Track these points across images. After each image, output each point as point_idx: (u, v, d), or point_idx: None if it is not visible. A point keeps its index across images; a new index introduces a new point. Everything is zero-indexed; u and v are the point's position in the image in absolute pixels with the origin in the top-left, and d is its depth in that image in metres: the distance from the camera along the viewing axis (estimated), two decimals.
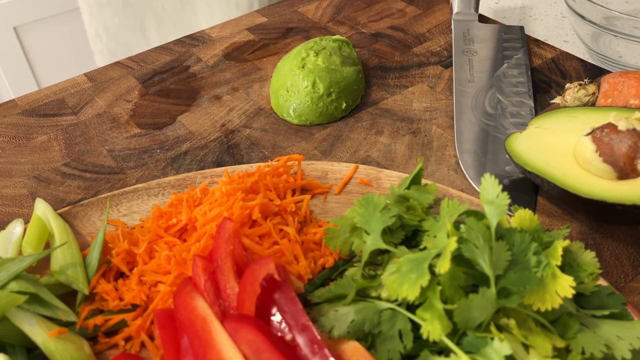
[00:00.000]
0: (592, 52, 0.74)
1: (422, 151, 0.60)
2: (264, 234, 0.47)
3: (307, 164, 0.56)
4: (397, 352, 0.37)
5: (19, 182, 0.58)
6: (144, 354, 0.42)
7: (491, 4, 0.90)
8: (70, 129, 0.65)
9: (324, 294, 0.40)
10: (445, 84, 0.69)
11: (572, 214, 0.53)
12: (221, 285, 0.40)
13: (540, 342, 0.36)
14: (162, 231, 0.47)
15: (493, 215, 0.38)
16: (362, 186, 0.54)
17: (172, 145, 0.62)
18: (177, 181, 0.54)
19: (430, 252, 0.37)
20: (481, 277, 0.37)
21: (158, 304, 0.43)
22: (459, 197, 0.50)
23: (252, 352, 0.35)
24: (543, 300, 0.36)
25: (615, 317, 0.38)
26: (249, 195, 0.49)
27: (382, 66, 0.73)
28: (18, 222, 0.49)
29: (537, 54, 0.73)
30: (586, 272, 0.41)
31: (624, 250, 0.50)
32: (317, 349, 0.36)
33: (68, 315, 0.42)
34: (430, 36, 0.78)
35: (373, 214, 0.42)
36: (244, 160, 0.59)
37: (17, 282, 0.41)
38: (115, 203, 0.52)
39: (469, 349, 0.35)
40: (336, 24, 0.82)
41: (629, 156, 0.48)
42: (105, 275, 0.46)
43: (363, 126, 0.63)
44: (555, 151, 0.52)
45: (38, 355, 0.40)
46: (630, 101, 0.56)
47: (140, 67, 0.74)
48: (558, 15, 0.86)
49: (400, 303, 0.38)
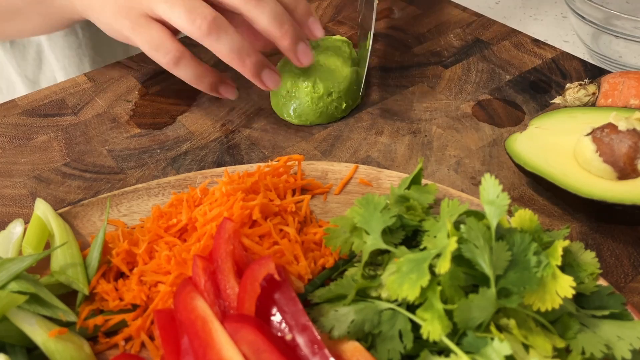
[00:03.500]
0: (592, 52, 0.74)
1: (422, 151, 0.60)
2: (264, 234, 0.47)
3: (307, 164, 0.56)
4: (397, 352, 0.37)
5: (19, 182, 0.58)
6: (144, 354, 0.42)
7: (491, 4, 0.90)
8: (71, 129, 0.65)
9: (324, 294, 0.40)
10: (446, 84, 0.69)
11: (572, 214, 0.53)
12: (221, 285, 0.40)
13: (540, 342, 0.36)
14: (162, 231, 0.47)
15: (493, 215, 0.38)
16: (362, 186, 0.54)
17: (172, 145, 0.62)
18: (177, 181, 0.54)
19: (431, 252, 0.37)
20: (481, 277, 0.37)
21: (158, 304, 0.43)
22: (459, 197, 0.50)
23: (252, 352, 0.35)
24: (543, 300, 0.36)
25: (615, 317, 0.38)
26: (249, 196, 0.49)
27: (382, 66, 0.73)
28: (18, 222, 0.49)
29: (537, 54, 0.73)
30: (586, 272, 0.41)
31: (624, 250, 0.50)
32: (317, 349, 0.36)
33: (68, 315, 0.42)
34: (430, 36, 0.78)
35: (373, 214, 0.42)
36: (244, 160, 0.59)
37: (17, 282, 0.41)
38: (116, 203, 0.52)
39: (469, 349, 0.35)
40: (336, 24, 0.82)
41: (629, 156, 0.48)
42: (105, 275, 0.46)
43: (363, 126, 0.63)
44: (555, 151, 0.52)
45: (38, 355, 0.40)
46: (630, 101, 0.56)
47: (140, 67, 0.74)
48: (558, 15, 0.86)
49: (401, 303, 0.38)
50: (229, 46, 0.55)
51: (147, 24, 0.57)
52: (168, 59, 0.57)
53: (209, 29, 0.54)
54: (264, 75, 0.59)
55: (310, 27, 0.61)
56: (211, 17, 0.54)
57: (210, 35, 0.55)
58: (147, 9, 0.57)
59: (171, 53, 0.56)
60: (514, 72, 0.71)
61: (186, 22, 0.55)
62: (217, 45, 0.55)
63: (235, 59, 0.56)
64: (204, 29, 0.54)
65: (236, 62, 0.57)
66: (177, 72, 0.58)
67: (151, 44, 0.56)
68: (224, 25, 0.55)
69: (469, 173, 0.57)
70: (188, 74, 0.58)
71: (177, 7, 0.55)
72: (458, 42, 0.77)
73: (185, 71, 0.58)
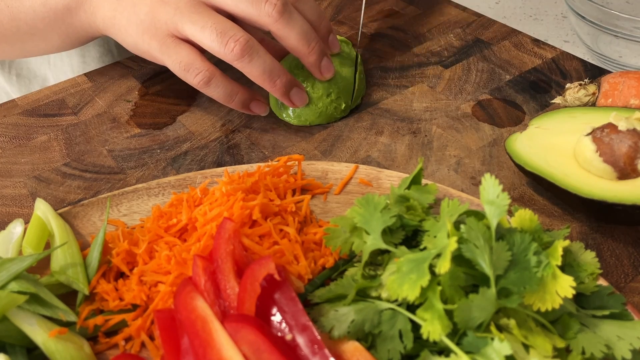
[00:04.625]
0: (592, 52, 0.74)
1: (422, 151, 0.60)
2: (264, 234, 0.47)
3: (307, 164, 0.56)
4: (397, 352, 0.37)
5: (19, 182, 0.58)
6: (144, 354, 0.42)
7: (491, 4, 0.90)
8: (71, 129, 0.65)
9: (324, 294, 0.40)
10: (446, 84, 0.69)
11: (572, 214, 0.53)
12: (221, 285, 0.40)
13: (540, 342, 0.36)
14: (162, 231, 0.47)
15: (493, 215, 0.38)
16: (362, 186, 0.54)
17: (172, 145, 0.62)
18: (177, 181, 0.54)
19: (431, 252, 0.37)
20: (481, 277, 0.37)
21: (158, 304, 0.43)
22: (459, 197, 0.50)
23: (253, 352, 0.35)
24: (543, 300, 0.36)
25: (615, 317, 0.38)
26: (249, 195, 0.49)
27: (382, 66, 0.73)
28: (18, 222, 0.49)
29: (537, 54, 0.73)
30: (586, 272, 0.41)
31: (624, 250, 0.50)
32: (317, 349, 0.36)
33: (68, 315, 0.42)
34: (430, 36, 0.78)
35: (373, 214, 0.42)
36: (244, 160, 0.59)
37: (17, 282, 0.41)
38: (116, 203, 0.52)
39: (469, 349, 0.35)
40: (336, 24, 0.82)
41: (629, 156, 0.48)
42: (105, 275, 0.46)
43: (363, 126, 0.63)
44: (556, 151, 0.52)
45: (38, 355, 0.40)
46: (631, 101, 0.56)
47: (140, 67, 0.74)
48: (558, 15, 0.86)
49: (401, 303, 0.38)
50: (261, 68, 0.56)
51: (175, 45, 0.57)
52: (199, 79, 0.57)
53: (242, 52, 0.55)
54: (293, 94, 0.60)
55: (330, 44, 0.64)
56: (244, 40, 0.55)
57: (243, 59, 0.55)
58: (174, 30, 0.57)
59: (202, 73, 0.57)
60: (514, 72, 0.71)
61: (218, 45, 0.55)
62: (249, 67, 0.56)
63: (267, 80, 0.57)
64: (237, 52, 0.55)
65: (267, 84, 0.58)
66: (209, 92, 0.59)
67: (181, 64, 0.57)
68: (255, 47, 0.56)
69: (469, 173, 0.57)
70: (219, 93, 0.59)
71: (208, 29, 0.55)
72: (458, 42, 0.77)
73: (216, 90, 0.58)
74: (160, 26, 0.57)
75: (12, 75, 0.83)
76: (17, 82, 0.83)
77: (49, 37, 0.66)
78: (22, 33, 0.66)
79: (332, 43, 0.64)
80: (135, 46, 0.60)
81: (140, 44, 0.59)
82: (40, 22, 0.64)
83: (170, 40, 0.57)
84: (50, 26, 0.64)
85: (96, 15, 0.62)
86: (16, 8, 0.64)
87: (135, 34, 0.59)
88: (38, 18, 0.64)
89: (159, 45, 0.57)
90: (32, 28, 0.65)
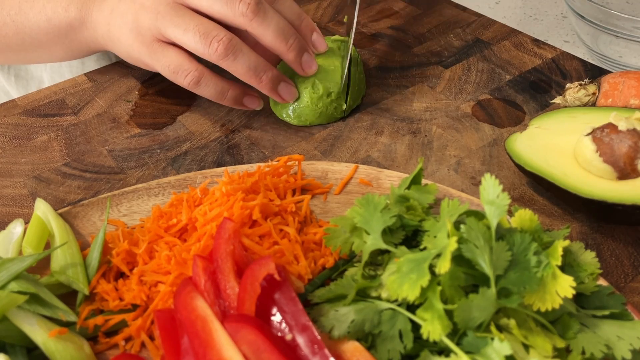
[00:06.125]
0: (592, 52, 0.74)
1: (422, 151, 0.60)
2: (264, 234, 0.47)
3: (307, 164, 0.56)
4: (397, 352, 0.37)
5: (19, 182, 0.58)
6: (144, 354, 0.42)
7: (491, 4, 0.90)
8: (71, 129, 0.65)
9: (324, 294, 0.40)
10: (446, 84, 0.69)
11: (572, 214, 0.53)
12: (221, 285, 0.40)
13: (540, 342, 0.36)
14: (162, 231, 0.47)
15: (493, 215, 0.38)
16: (362, 186, 0.54)
17: (172, 145, 0.62)
18: (177, 181, 0.54)
19: (431, 252, 0.37)
20: (481, 277, 0.37)
21: (158, 304, 0.43)
22: (459, 197, 0.50)
23: (252, 352, 0.35)
24: (543, 300, 0.36)
25: (615, 317, 0.38)
26: (249, 195, 0.49)
27: (382, 66, 0.73)
28: (18, 222, 0.49)
29: (537, 54, 0.73)
30: (586, 272, 0.41)
31: (624, 250, 0.50)
32: (317, 349, 0.36)
33: (68, 315, 0.42)
34: (430, 36, 0.78)
35: (373, 214, 0.42)
36: (244, 160, 0.59)
37: (17, 282, 0.41)
38: (116, 203, 0.52)
39: (469, 349, 0.35)
40: (336, 24, 0.82)
41: (629, 156, 0.48)
42: (105, 275, 0.46)
43: (363, 126, 0.63)
44: (556, 151, 0.52)
45: (38, 355, 0.40)
46: (630, 101, 0.56)
47: (140, 67, 0.74)
48: (558, 15, 0.86)
49: (401, 303, 0.38)
50: (246, 65, 0.57)
51: (162, 49, 0.58)
52: (189, 80, 0.57)
53: (226, 51, 0.56)
54: (281, 89, 0.60)
55: (315, 43, 0.64)
56: (227, 39, 0.56)
57: (227, 57, 0.56)
58: (158, 35, 0.57)
59: (191, 74, 0.57)
60: (514, 72, 0.71)
61: (202, 47, 0.56)
62: (234, 65, 0.57)
63: (252, 76, 0.58)
64: (221, 51, 0.55)
65: (254, 80, 0.58)
66: (200, 91, 0.59)
67: (170, 68, 0.57)
68: (239, 45, 0.56)
69: (469, 173, 0.57)
70: (211, 92, 0.59)
71: (191, 31, 0.56)
72: (458, 42, 0.77)
73: (207, 89, 0.59)
74: (145, 32, 0.58)
75: (11, 76, 0.83)
76: (16, 83, 0.84)
77: (53, 50, 0.67)
78: (26, 45, 0.67)
79: (317, 42, 0.64)
80: (129, 55, 0.61)
81: (132, 52, 0.60)
82: (44, 36, 0.65)
83: (157, 45, 0.58)
84: (54, 41, 0.66)
85: (97, 32, 0.63)
86: (21, 23, 0.65)
87: (126, 43, 0.60)
88: (42, 33, 0.65)
89: (147, 51, 0.58)
90: (36, 41, 0.66)
